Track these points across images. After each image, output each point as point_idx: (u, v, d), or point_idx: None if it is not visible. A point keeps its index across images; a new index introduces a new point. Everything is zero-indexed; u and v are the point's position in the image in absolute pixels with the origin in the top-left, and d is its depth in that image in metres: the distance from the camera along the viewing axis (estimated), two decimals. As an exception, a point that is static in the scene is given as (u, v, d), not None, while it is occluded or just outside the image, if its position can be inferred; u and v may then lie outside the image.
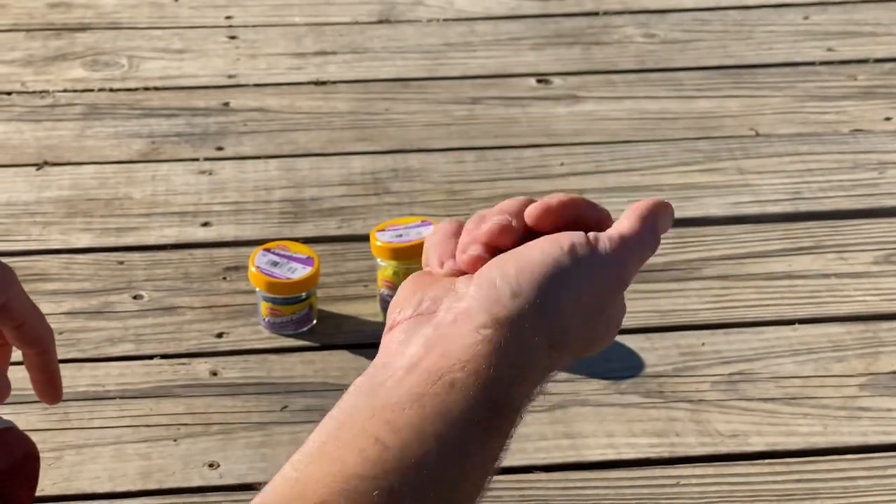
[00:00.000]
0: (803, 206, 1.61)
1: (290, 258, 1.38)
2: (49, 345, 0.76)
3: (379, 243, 1.37)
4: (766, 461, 1.24)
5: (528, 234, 0.60)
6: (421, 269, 1.45)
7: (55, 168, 1.67)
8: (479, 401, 0.54)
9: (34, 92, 1.83)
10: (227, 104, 1.81)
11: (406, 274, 1.37)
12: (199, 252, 1.52)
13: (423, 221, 1.40)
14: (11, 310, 0.73)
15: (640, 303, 1.44)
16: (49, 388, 0.76)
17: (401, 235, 1.37)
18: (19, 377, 0.75)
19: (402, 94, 1.83)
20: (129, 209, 1.59)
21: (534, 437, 1.26)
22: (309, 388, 1.32)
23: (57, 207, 1.59)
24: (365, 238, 1.46)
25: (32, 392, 0.75)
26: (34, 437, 0.73)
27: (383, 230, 1.39)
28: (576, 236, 0.58)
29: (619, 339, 1.39)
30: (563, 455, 1.25)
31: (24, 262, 1.48)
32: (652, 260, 1.54)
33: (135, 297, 1.44)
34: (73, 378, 1.32)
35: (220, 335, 1.39)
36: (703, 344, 1.39)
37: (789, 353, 1.38)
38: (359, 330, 1.40)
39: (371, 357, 1.38)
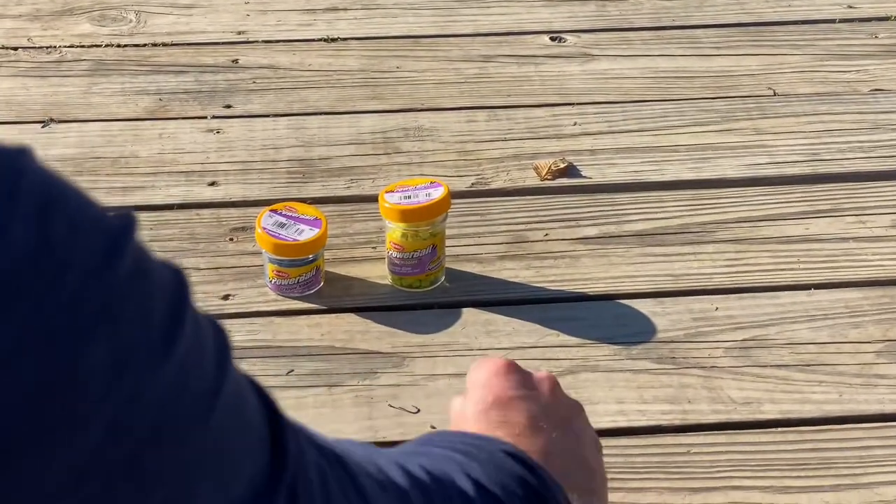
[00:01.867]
0: (821, 168, 1.58)
1: (296, 219, 1.36)
2: None
3: (387, 205, 1.35)
4: (780, 429, 1.22)
5: None
6: (429, 231, 1.42)
7: (61, 125, 1.64)
8: None
9: (40, 47, 1.81)
10: (235, 61, 1.78)
11: (415, 236, 1.35)
12: (205, 212, 1.50)
13: (432, 182, 1.37)
14: None
15: (652, 266, 1.42)
16: None
17: (409, 197, 1.35)
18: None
19: (414, 52, 1.80)
20: (136, 168, 1.57)
21: (543, 404, 1.24)
22: (315, 352, 1.30)
23: (62, 165, 1.57)
24: (374, 199, 1.43)
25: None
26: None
27: (392, 191, 1.36)
28: None
29: (631, 303, 1.37)
30: (573, 422, 1.22)
31: (28, 222, 1.46)
32: (665, 223, 1.53)
33: (140, 258, 1.42)
34: (76, 340, 1.30)
35: (226, 297, 1.37)
36: (716, 309, 1.36)
37: (805, 318, 1.35)
38: (367, 293, 1.38)
39: (379, 321, 1.36)
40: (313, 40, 1.82)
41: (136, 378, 0.42)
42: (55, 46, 1.81)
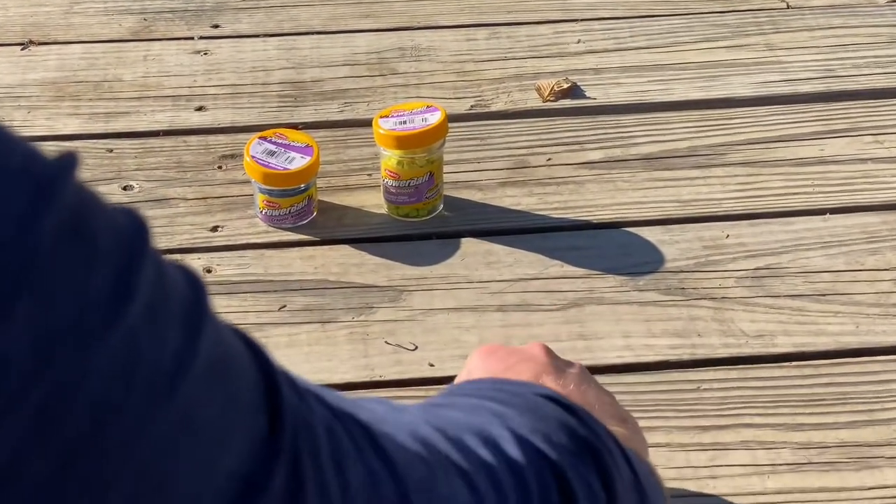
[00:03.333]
0: (836, 85, 1.51)
1: (287, 147, 1.30)
2: None
3: (382, 131, 1.28)
4: (794, 363, 1.17)
5: None
6: (426, 158, 1.36)
7: (41, 48, 1.57)
8: None
9: (20, -34, 1.73)
10: (223, -22, 1.70)
11: (411, 163, 1.29)
12: (193, 139, 1.43)
13: (428, 107, 1.30)
14: None
15: (659, 192, 1.36)
16: None
17: (405, 122, 1.28)
18: None
19: (410, -34, 1.72)
20: (119, 92, 1.50)
21: (547, 339, 1.18)
22: (308, 287, 1.24)
23: (43, 90, 1.50)
24: (369, 123, 1.37)
25: None
26: None
27: (386, 117, 1.30)
28: None
29: (638, 231, 1.31)
30: (578, 357, 1.15)
31: (8, 151, 1.40)
32: (673, 145, 1.46)
33: (124, 188, 1.36)
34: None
35: (214, 229, 1.31)
36: (727, 236, 1.30)
37: (819, 245, 1.29)
38: (361, 223, 1.32)
39: (374, 252, 1.31)
40: (305, -45, 1.74)
41: (67, 361, 0.36)
42: (35, -36, 1.73)
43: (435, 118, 1.28)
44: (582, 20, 1.61)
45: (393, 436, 0.55)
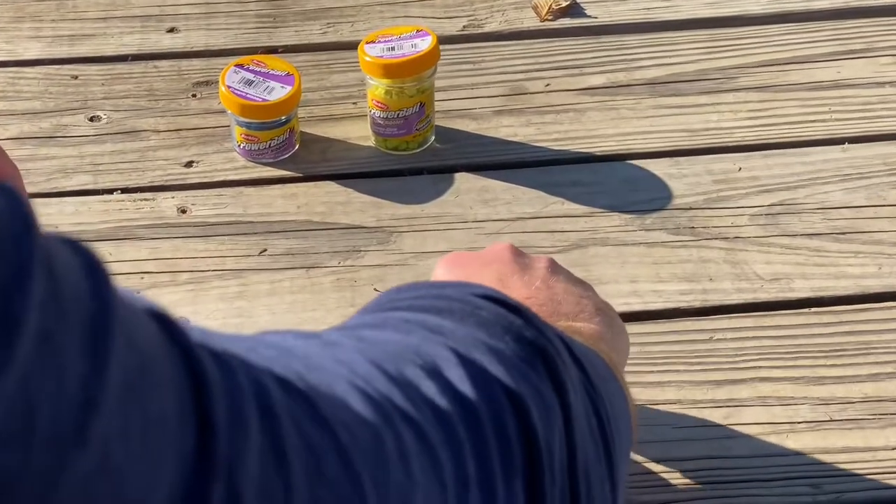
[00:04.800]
0: (854, 0, 1.41)
1: (266, 76, 1.20)
2: (17, 185, 0.63)
3: (368, 58, 1.18)
4: (813, 309, 1.09)
5: None
6: (416, 87, 1.26)
7: (0, -37, 1.46)
8: None
9: None
10: None
11: (400, 93, 1.19)
12: (164, 64, 1.33)
13: (418, 31, 1.20)
14: None
15: (666, 120, 1.27)
16: None
17: (393, 48, 1.18)
18: None
19: None
20: (84, 12, 1.39)
21: (547, 284, 1.10)
22: (291, 228, 1.15)
23: (1, 11, 1.40)
24: (354, 46, 1.26)
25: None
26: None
27: (372, 42, 1.20)
28: None
29: (643, 164, 1.22)
30: (581, 305, 1.09)
31: (-36, 79, 1.30)
32: (680, 69, 1.36)
33: (91, 119, 1.27)
34: (21, 218, 1.15)
35: (189, 164, 1.22)
36: (739, 169, 1.21)
37: (838, 178, 1.20)
38: (346, 156, 1.23)
39: (362, 189, 1.22)
40: None
41: None
42: None
43: (425, 44, 1.18)
44: (581, -70, 1.51)
45: (331, 395, 0.48)
